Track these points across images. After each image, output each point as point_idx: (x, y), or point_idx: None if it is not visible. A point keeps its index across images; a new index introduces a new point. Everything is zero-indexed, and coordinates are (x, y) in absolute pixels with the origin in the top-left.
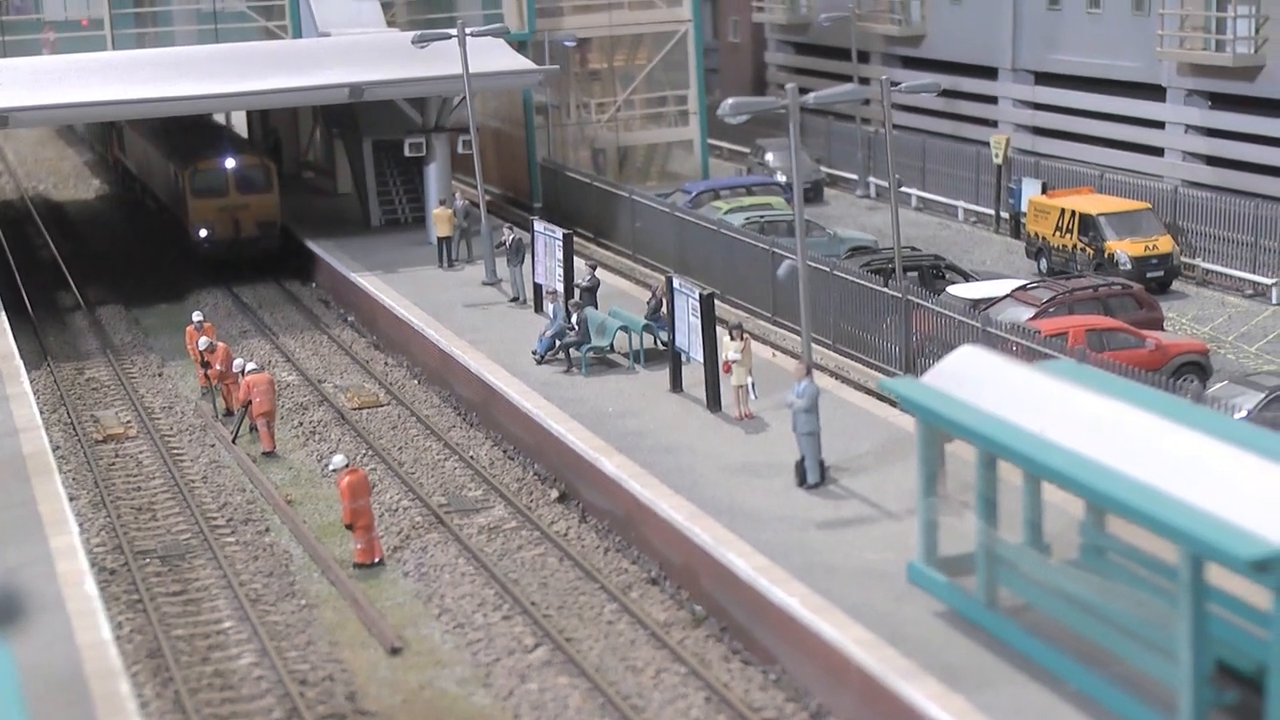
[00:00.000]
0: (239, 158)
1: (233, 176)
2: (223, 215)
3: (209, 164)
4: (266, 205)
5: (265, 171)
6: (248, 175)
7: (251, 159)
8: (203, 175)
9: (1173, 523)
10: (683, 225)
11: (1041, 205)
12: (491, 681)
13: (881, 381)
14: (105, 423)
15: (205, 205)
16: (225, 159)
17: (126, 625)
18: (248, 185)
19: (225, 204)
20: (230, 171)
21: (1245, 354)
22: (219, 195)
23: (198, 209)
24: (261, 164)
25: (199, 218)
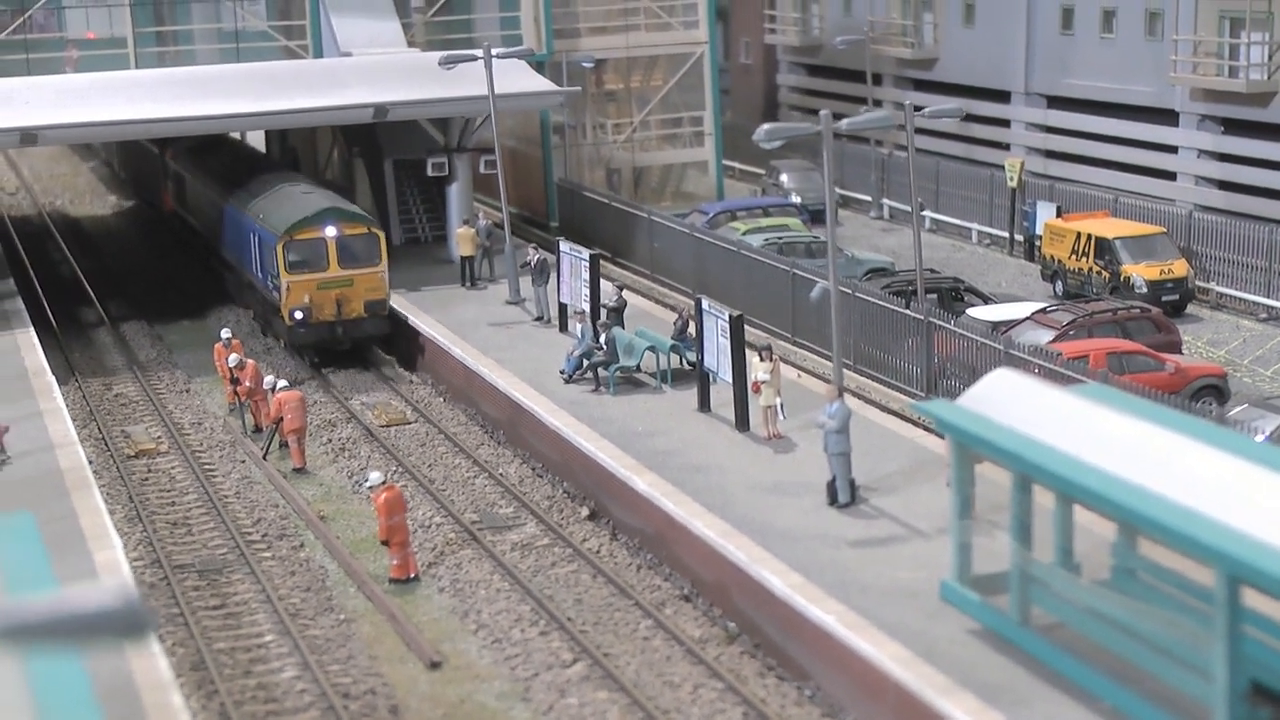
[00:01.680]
0: (341, 224)
1: (334, 248)
2: (322, 294)
3: (307, 233)
4: (374, 281)
5: (372, 241)
6: (352, 246)
7: (356, 226)
8: (299, 246)
9: (1210, 544)
10: (702, 246)
11: (1057, 229)
12: (531, 696)
13: (915, 404)
14: (136, 438)
15: (302, 282)
16: (326, 226)
17: (169, 639)
18: (352, 258)
19: (325, 281)
20: (331, 242)
21: (1261, 377)
22: (318, 270)
23: (293, 287)
24: (368, 232)
25: (294, 297)
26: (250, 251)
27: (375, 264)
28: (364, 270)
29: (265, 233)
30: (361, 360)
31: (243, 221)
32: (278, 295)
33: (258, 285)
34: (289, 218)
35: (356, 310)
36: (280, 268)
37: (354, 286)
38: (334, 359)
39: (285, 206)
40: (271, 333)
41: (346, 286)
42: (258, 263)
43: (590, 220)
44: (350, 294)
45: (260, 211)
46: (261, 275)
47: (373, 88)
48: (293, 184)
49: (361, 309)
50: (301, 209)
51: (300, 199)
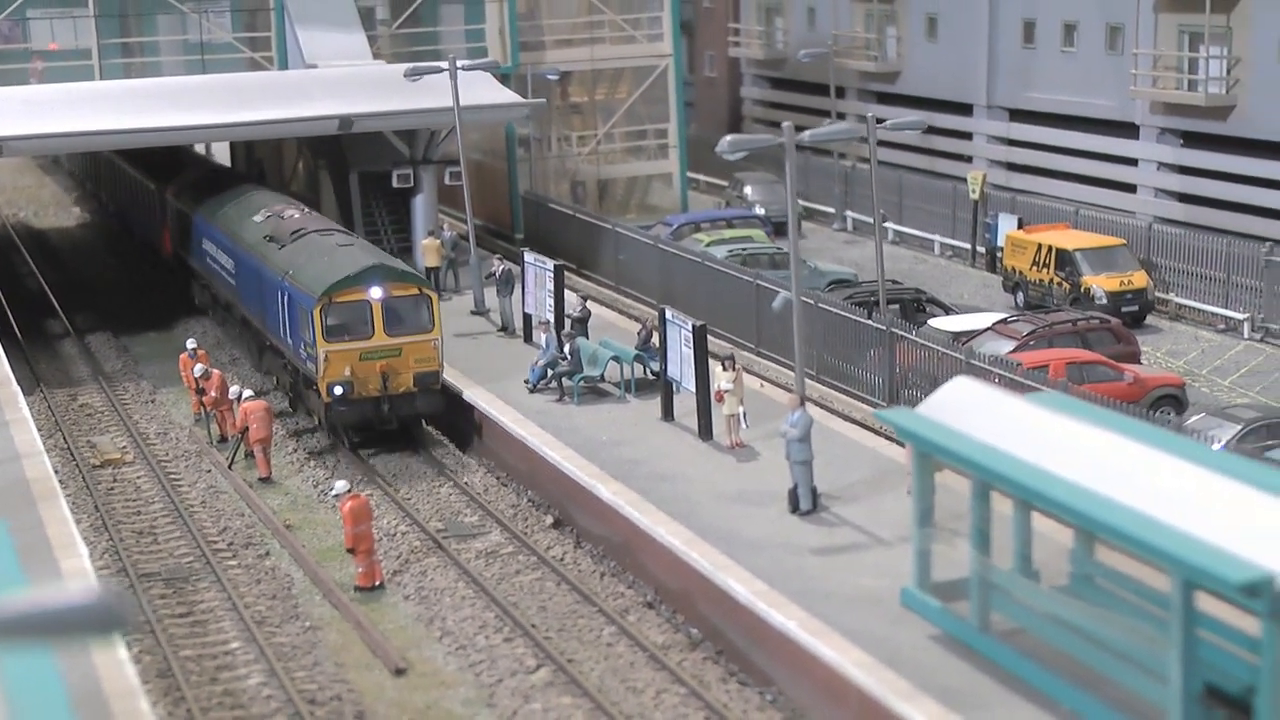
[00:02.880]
0: (388, 284)
1: (380, 312)
2: (366, 366)
3: (349, 295)
4: (425, 351)
5: (423, 304)
6: (400, 310)
7: (405, 287)
8: (339, 310)
9: (1165, 549)
10: (666, 258)
11: (1018, 240)
12: (495, 702)
13: (876, 412)
14: (102, 448)
15: (342, 352)
16: (370, 287)
17: (135, 646)
18: (400, 323)
19: (370, 350)
20: (377, 305)
21: (1219, 387)
22: (360, 338)
23: (331, 358)
24: (419, 293)
25: (333, 370)
26: (277, 312)
27: (427, 330)
28: (414, 338)
29: (297, 293)
30: (408, 443)
31: (266, 276)
32: (313, 366)
33: (286, 352)
34: (327, 276)
35: (405, 384)
36: (317, 335)
37: (402, 357)
38: (377, 440)
39: (320, 262)
40: (303, 408)
41: (394, 357)
42: (286, 326)
43: (555, 232)
44: (398, 365)
45: (290, 266)
46: (292, 341)
47: (338, 100)
48: (325, 233)
49: (411, 382)
50: (341, 266)
51: (338, 253)
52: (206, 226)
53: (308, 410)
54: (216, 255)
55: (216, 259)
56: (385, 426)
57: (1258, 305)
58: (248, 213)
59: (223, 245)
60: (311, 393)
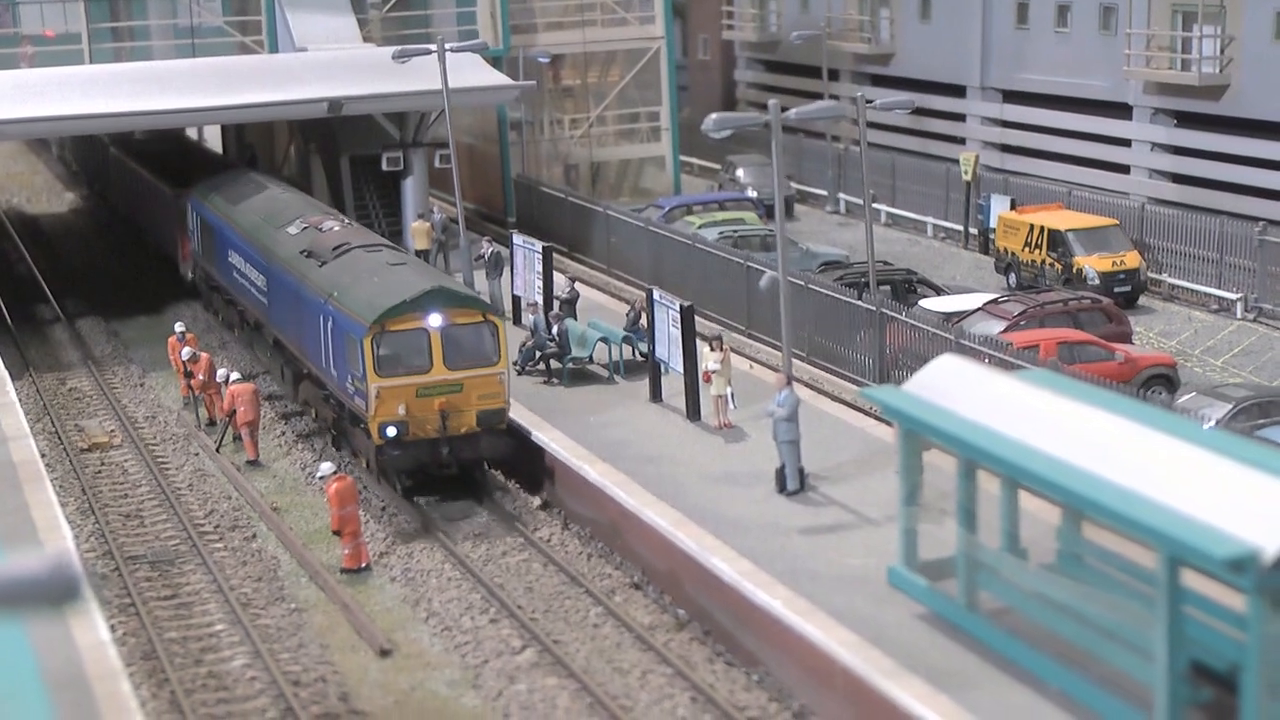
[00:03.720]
0: (448, 311)
1: (440, 342)
2: (423, 403)
3: (404, 322)
4: (490, 386)
5: (488, 332)
6: (462, 339)
7: (468, 313)
8: (394, 340)
9: (1151, 525)
10: (658, 240)
11: (1011, 221)
12: (481, 683)
13: (863, 390)
14: (90, 432)
15: (396, 388)
16: (429, 313)
17: (120, 628)
18: (461, 355)
19: (427, 386)
20: (436, 335)
21: (1212, 367)
22: (417, 371)
23: (384, 395)
24: (484, 320)
25: (385, 408)
26: (318, 339)
27: (492, 362)
28: (477, 371)
29: (344, 319)
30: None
31: (305, 297)
32: (362, 403)
33: (328, 384)
34: (378, 301)
35: (467, 424)
36: (367, 368)
37: (464, 393)
38: (434, 484)
39: (369, 284)
40: (348, 447)
41: (454, 393)
42: (329, 355)
43: (547, 215)
44: (459, 402)
45: (334, 288)
46: (336, 373)
47: (327, 83)
48: (371, 249)
49: (474, 422)
50: (394, 289)
51: (389, 274)
52: (232, 237)
53: (353, 450)
54: (245, 270)
55: (244, 274)
56: (444, 472)
57: (1251, 285)
58: (280, 223)
59: (252, 259)
60: (359, 431)
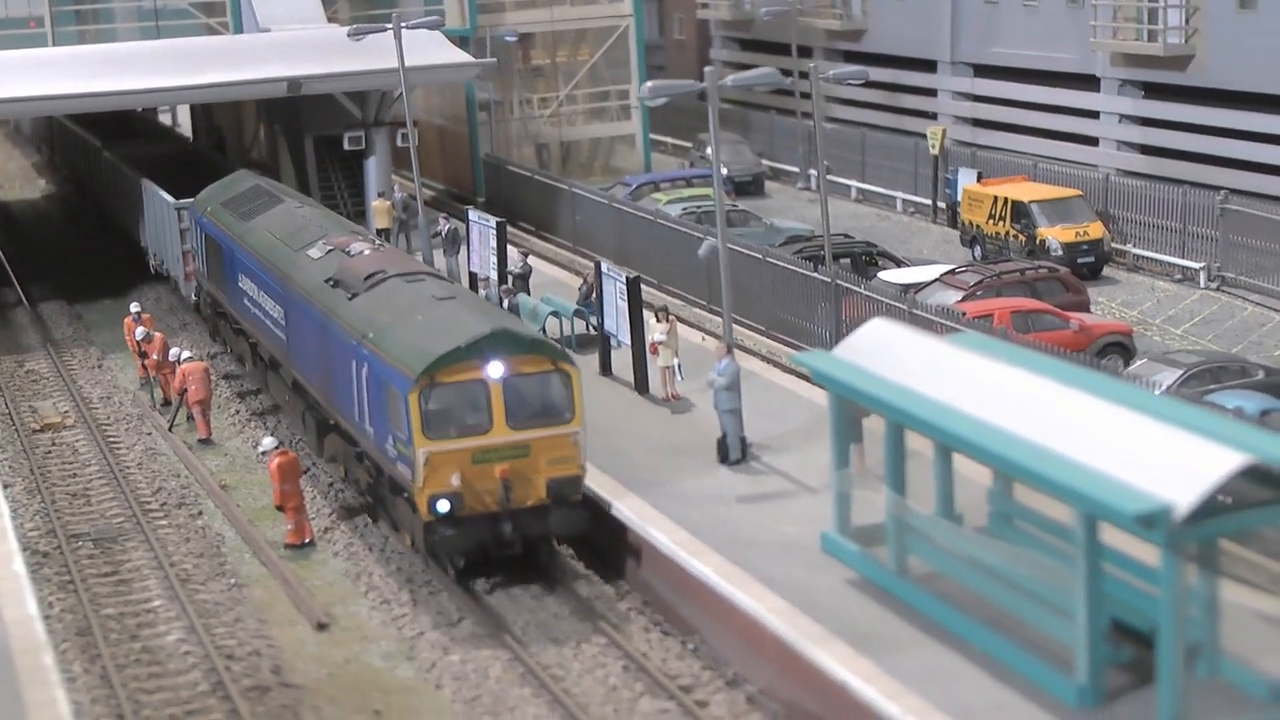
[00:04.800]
0: (512, 358)
1: (502, 396)
2: (481, 471)
3: (459, 372)
4: (562, 448)
5: (560, 383)
6: (528, 392)
7: (536, 360)
8: (446, 394)
9: (1065, 483)
10: (621, 216)
11: (975, 194)
12: (415, 655)
13: (794, 356)
14: (43, 413)
15: (450, 453)
16: (489, 360)
17: (57, 605)
18: (527, 411)
19: (487, 450)
20: (497, 388)
21: (1172, 336)
22: (475, 432)
23: (435, 461)
24: (554, 368)
25: (436, 477)
26: (350, 387)
27: (564, 419)
28: (547, 431)
29: (384, 367)
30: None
31: (333, 335)
32: (407, 470)
33: (363, 443)
34: (427, 346)
35: (535, 495)
36: (413, 428)
37: (531, 457)
38: (492, 565)
39: (414, 324)
40: (385, 518)
41: (520, 457)
42: (365, 409)
43: (516, 195)
44: (525, 469)
45: (370, 327)
46: (374, 431)
47: (289, 62)
48: (412, 279)
49: (542, 492)
50: (446, 331)
51: (437, 311)
52: (243, 258)
53: (393, 523)
54: (258, 298)
55: (258, 302)
56: (506, 552)
57: (1213, 254)
58: (300, 244)
59: (267, 286)
60: (402, 502)
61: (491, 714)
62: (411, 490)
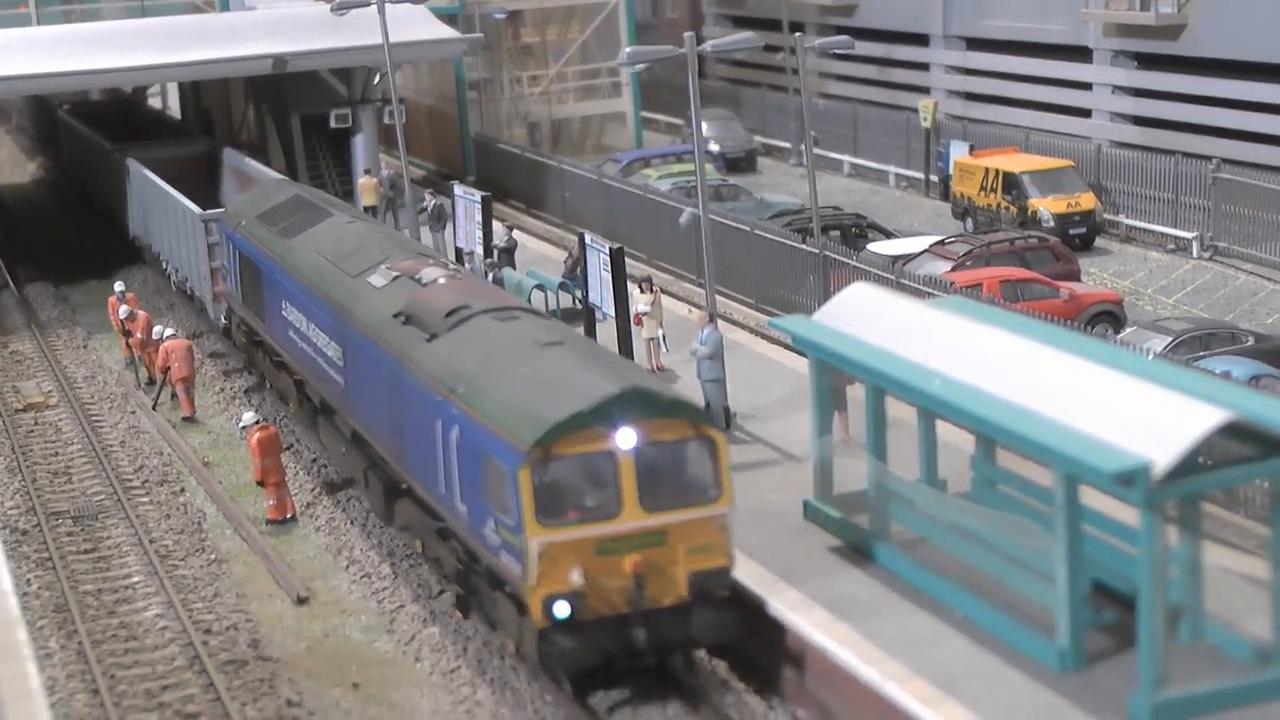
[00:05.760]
0: (644, 422)
1: (634, 470)
2: (607, 564)
3: (581, 442)
4: (706, 533)
5: (702, 451)
6: (664, 464)
7: (673, 425)
8: (564, 468)
9: (1044, 443)
10: (610, 192)
11: (966, 166)
12: (395, 628)
13: (771, 320)
14: (26, 392)
15: (569, 544)
16: (617, 427)
17: (35, 582)
18: (664, 488)
19: (613, 539)
20: (627, 461)
21: (1163, 305)
22: (599, 517)
23: (550, 554)
24: (695, 435)
25: (553, 574)
26: (433, 451)
27: (710, 498)
28: (688, 512)
29: (480, 432)
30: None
31: (408, 386)
32: (514, 564)
33: (455, 524)
34: (540, 409)
35: (673, 592)
36: (524, 512)
37: (668, 546)
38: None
39: (519, 378)
40: (479, 614)
41: (655, 546)
42: (453, 480)
43: (506, 173)
44: (661, 560)
45: (459, 379)
46: (467, 510)
47: (274, 40)
48: (503, 315)
49: (683, 588)
50: (562, 387)
51: (546, 363)
52: (285, 283)
53: (490, 622)
54: (307, 331)
55: (307, 335)
56: (638, 663)
57: (1206, 224)
58: (359, 267)
59: (317, 318)
60: (503, 599)
61: (470, 686)
62: (520, 588)
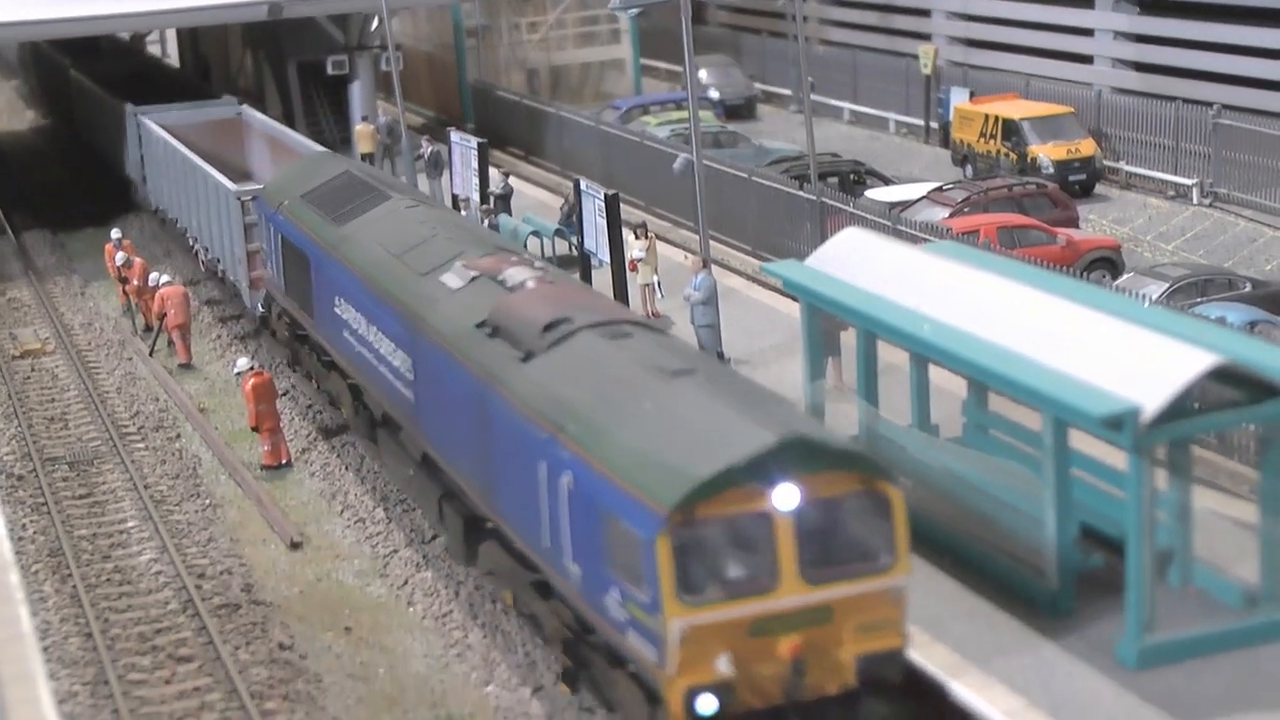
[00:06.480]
0: (806, 476)
1: (794, 534)
2: (761, 647)
3: (730, 502)
4: (878, 608)
5: (875, 508)
6: (830, 525)
7: (840, 478)
8: (711, 533)
9: (1034, 387)
10: (608, 139)
11: (966, 112)
12: (388, 572)
13: (763, 265)
14: (22, 339)
15: (717, 626)
16: (774, 482)
17: (30, 527)
18: (830, 554)
19: (770, 617)
20: (787, 523)
21: (1162, 252)
22: (753, 591)
23: (696, 638)
24: (863, 488)
25: (698, 662)
26: (534, 496)
27: (883, 566)
28: (857, 585)
29: (602, 483)
30: None
31: (500, 415)
32: (648, 648)
33: (562, 586)
34: (680, 461)
35: (838, 679)
36: (663, 588)
37: (833, 624)
38: None
39: (644, 415)
40: (596, 696)
41: (818, 625)
42: (562, 535)
43: (504, 120)
44: (825, 641)
45: (571, 415)
46: (582, 574)
47: None
48: (613, 332)
49: (849, 674)
50: (703, 431)
51: (677, 394)
52: (339, 275)
53: (607, 704)
54: (366, 333)
55: (366, 339)
56: None
57: (1206, 171)
58: (429, 264)
59: (380, 319)
60: (626, 682)
61: (461, 630)
62: (654, 676)
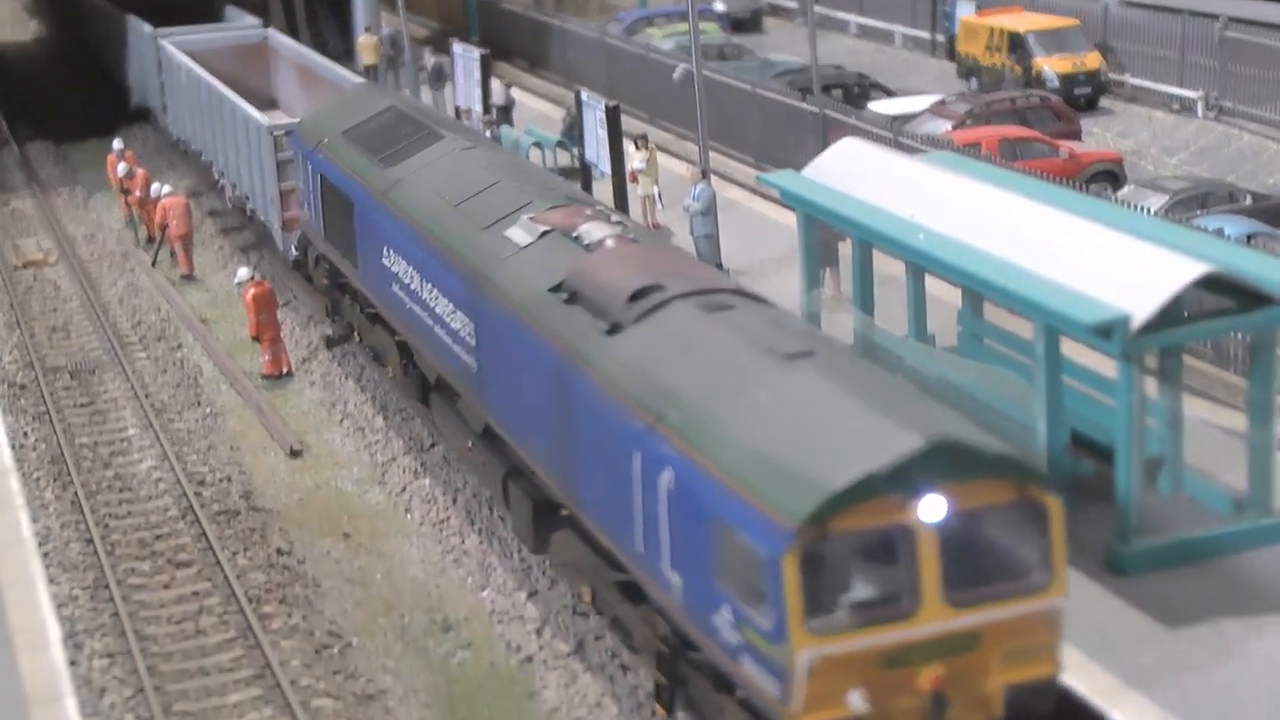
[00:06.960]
0: (954, 485)
1: (938, 551)
2: (898, 680)
3: (865, 515)
4: (1033, 632)
5: (1030, 520)
6: (977, 539)
7: (992, 485)
8: (844, 549)
9: (1025, 295)
10: (612, 52)
11: (972, 25)
12: (387, 480)
13: (760, 176)
14: (25, 250)
15: (850, 657)
16: (919, 493)
17: (32, 435)
18: (978, 573)
19: (909, 647)
20: (932, 537)
21: (1166, 165)
22: (891, 617)
23: (825, 670)
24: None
25: (824, 697)
26: (626, 492)
27: (1037, 586)
28: (1008, 607)
29: (711, 487)
30: None
31: (584, 394)
32: (769, 680)
33: (660, 596)
34: (808, 466)
35: (984, 713)
36: (789, 613)
37: (979, 651)
38: None
39: (760, 407)
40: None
41: (962, 652)
42: (660, 540)
43: (509, 33)
44: (971, 670)
45: (670, 401)
46: (684, 585)
47: None
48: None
49: (997, 707)
50: (834, 429)
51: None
52: (387, 224)
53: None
54: (420, 289)
55: (419, 296)
56: None
57: (1212, 83)
58: (491, 216)
59: (435, 276)
60: (737, 711)
61: (458, 536)
62: (774, 711)
